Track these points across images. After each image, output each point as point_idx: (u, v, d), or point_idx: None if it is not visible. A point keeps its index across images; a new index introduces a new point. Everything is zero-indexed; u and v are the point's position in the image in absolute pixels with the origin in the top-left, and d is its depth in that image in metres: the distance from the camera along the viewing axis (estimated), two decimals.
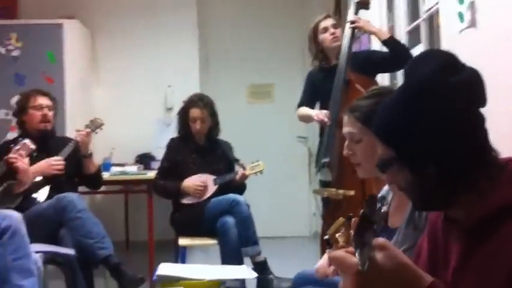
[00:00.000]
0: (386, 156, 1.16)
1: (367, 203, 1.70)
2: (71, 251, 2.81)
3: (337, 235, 1.68)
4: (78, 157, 3.29)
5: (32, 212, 2.88)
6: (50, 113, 3.31)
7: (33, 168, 2.93)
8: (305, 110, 3.53)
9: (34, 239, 2.52)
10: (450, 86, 1.07)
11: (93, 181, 3.48)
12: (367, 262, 0.97)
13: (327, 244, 1.67)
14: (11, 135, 4.66)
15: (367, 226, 1.01)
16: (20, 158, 2.63)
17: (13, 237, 2.21)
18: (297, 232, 5.56)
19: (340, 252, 1.05)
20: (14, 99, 4.81)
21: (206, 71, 5.92)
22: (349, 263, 1.01)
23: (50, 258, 2.75)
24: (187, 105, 3.71)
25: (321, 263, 1.80)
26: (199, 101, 3.68)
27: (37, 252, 2.49)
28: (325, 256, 1.69)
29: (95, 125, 3.44)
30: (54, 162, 3.11)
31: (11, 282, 2.15)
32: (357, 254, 1.00)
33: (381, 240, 1.03)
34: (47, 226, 2.88)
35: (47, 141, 3.28)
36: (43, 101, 3.30)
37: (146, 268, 3.72)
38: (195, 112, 3.64)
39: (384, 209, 1.74)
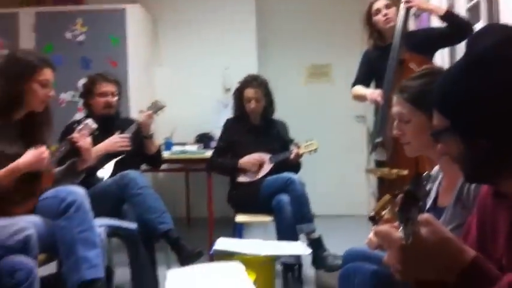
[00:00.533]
0: (440, 126, 1.18)
1: (412, 180, 1.72)
2: (133, 225, 2.95)
3: (383, 212, 1.71)
4: (140, 137, 3.40)
5: (96, 188, 3.03)
6: (114, 99, 3.40)
7: (97, 146, 3.08)
8: (359, 89, 3.52)
9: (98, 214, 2.64)
10: (510, 60, 1.08)
11: (154, 161, 3.60)
12: (410, 236, 1.00)
13: (372, 221, 1.71)
14: (79, 115, 4.90)
15: (411, 202, 1.03)
16: (82, 138, 2.75)
17: (78, 212, 2.34)
18: (353, 211, 5.57)
19: (384, 227, 1.07)
20: (81, 82, 5.06)
21: (264, 52, 5.96)
22: (393, 237, 1.04)
23: (113, 232, 2.90)
24: (242, 85, 3.79)
25: (369, 238, 1.83)
26: (254, 81, 3.76)
27: (101, 226, 2.63)
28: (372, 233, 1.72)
29: (156, 107, 3.51)
30: (119, 140, 3.24)
31: (77, 253, 2.28)
32: (401, 229, 1.02)
33: (425, 215, 1.04)
34: (110, 202, 3.02)
35: (111, 123, 3.39)
36: (107, 88, 3.38)
37: (206, 243, 3.85)
38: (249, 92, 3.72)
39: (430, 187, 1.75)
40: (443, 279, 1.04)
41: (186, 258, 2.92)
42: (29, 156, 2.41)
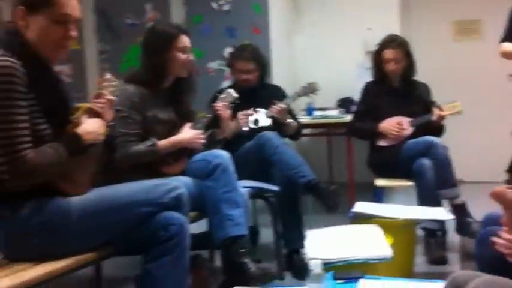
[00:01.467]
0: None
1: None
2: (275, 187, 3.09)
3: None
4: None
5: (240, 152, 3.20)
6: (249, 76, 3.43)
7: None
8: (508, 46, 3.31)
9: (243, 176, 2.80)
10: None
11: (291, 138, 3.63)
12: None
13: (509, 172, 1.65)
14: (226, 83, 5.15)
15: None
16: (223, 107, 2.91)
17: (223, 173, 2.52)
18: (502, 178, 5.24)
19: (501, 188, 1.07)
20: (227, 51, 5.30)
21: (408, 11, 5.75)
22: (508, 197, 1.03)
23: (256, 194, 3.06)
24: (381, 47, 3.71)
25: None
26: (392, 41, 3.66)
27: (244, 187, 2.80)
28: None
29: (309, 89, 3.52)
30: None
31: (222, 211, 2.47)
32: None
33: None
34: (253, 164, 3.15)
35: (252, 94, 3.43)
36: (243, 66, 3.44)
37: (346, 208, 3.90)
38: (388, 53, 3.64)
39: None
40: None
41: (329, 203, 2.97)
42: (190, 134, 2.71)
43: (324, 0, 5.85)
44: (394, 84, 3.72)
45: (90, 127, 2.01)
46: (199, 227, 2.74)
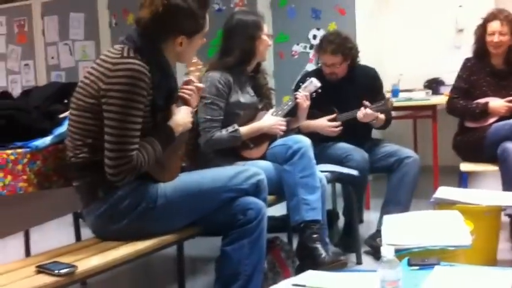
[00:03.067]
0: None
1: None
2: (354, 172, 3.11)
3: None
4: None
5: None
6: (338, 69, 3.33)
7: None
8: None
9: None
10: None
11: (379, 129, 3.52)
12: None
13: None
14: (310, 66, 5.19)
15: None
16: (303, 97, 2.95)
17: (302, 159, 2.58)
18: None
19: None
20: (312, 33, 5.32)
21: None
22: None
23: (336, 178, 3.11)
24: (485, 20, 3.53)
25: None
26: (500, 14, 3.48)
27: (323, 171, 2.86)
28: None
29: (382, 106, 3.23)
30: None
31: (298, 195, 2.55)
32: None
33: None
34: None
35: (342, 83, 3.37)
36: (331, 60, 3.31)
37: (431, 192, 3.86)
38: (493, 25, 3.45)
39: None
40: None
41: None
42: (272, 121, 2.83)
43: None
44: (495, 63, 3.55)
45: (180, 118, 2.15)
46: (280, 209, 2.84)
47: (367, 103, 3.20)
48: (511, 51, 3.51)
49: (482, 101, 3.51)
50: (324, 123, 3.28)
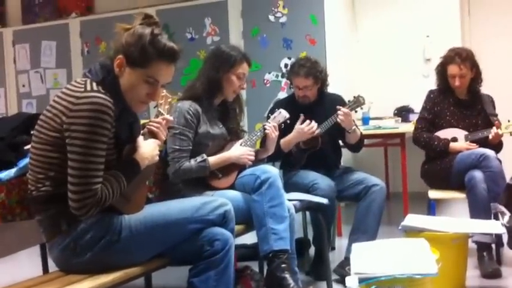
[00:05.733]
0: None
1: None
2: (324, 200, 3.13)
3: None
4: (339, 129, 3.36)
5: None
6: (307, 93, 3.42)
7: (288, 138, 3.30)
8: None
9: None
10: None
11: (353, 149, 3.59)
12: None
13: None
14: (282, 94, 5.25)
15: None
16: (272, 128, 2.93)
17: (270, 188, 2.58)
18: None
19: None
20: (283, 62, 5.39)
21: (468, 18, 5.64)
22: None
23: (304, 206, 3.10)
24: (445, 60, 3.61)
25: None
26: (457, 56, 3.53)
27: (291, 200, 2.86)
28: None
29: (356, 104, 3.35)
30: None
31: (267, 225, 2.55)
32: None
33: None
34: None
35: (309, 110, 3.40)
36: (299, 82, 3.40)
37: (400, 220, 3.89)
38: (452, 69, 3.53)
39: None
40: None
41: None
42: (240, 151, 2.83)
43: (381, 9, 5.86)
44: (459, 95, 3.65)
45: (146, 150, 2.14)
46: (251, 237, 2.82)
47: (340, 107, 3.27)
48: (472, 82, 3.60)
49: (446, 133, 3.58)
50: (300, 130, 3.27)
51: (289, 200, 2.80)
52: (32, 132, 2.04)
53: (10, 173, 2.15)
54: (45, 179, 1.95)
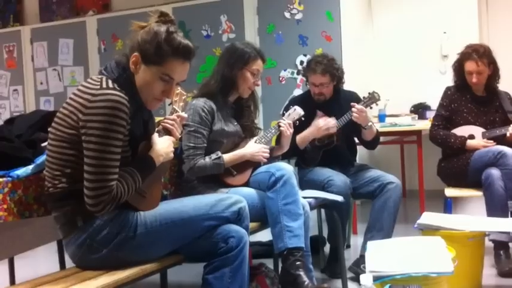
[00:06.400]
0: None
1: None
2: (339, 198, 3.12)
3: None
4: (355, 125, 3.34)
5: None
6: (322, 90, 3.41)
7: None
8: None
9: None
10: None
11: (369, 145, 3.58)
12: None
13: None
14: (297, 91, 5.24)
15: None
16: (287, 125, 2.93)
17: (284, 186, 2.58)
18: None
19: None
20: (299, 59, 5.38)
21: (485, 14, 5.58)
22: None
23: (319, 204, 3.10)
24: (462, 57, 3.56)
25: None
26: (474, 52, 3.49)
27: (306, 198, 2.86)
28: None
29: (371, 100, 3.34)
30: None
31: (281, 222, 2.54)
32: None
33: None
34: None
35: (330, 103, 3.44)
36: (315, 79, 3.39)
37: (417, 217, 3.87)
38: (469, 65, 3.49)
39: None
40: None
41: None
42: (255, 149, 2.83)
43: (397, 5, 5.81)
44: (476, 92, 3.60)
45: (161, 147, 2.15)
46: (267, 234, 2.83)
47: (354, 104, 3.26)
48: (490, 79, 3.56)
49: (463, 130, 3.55)
50: (318, 125, 3.28)
51: (304, 198, 2.80)
52: (48, 129, 2.06)
53: (27, 169, 2.17)
54: (61, 176, 1.97)
